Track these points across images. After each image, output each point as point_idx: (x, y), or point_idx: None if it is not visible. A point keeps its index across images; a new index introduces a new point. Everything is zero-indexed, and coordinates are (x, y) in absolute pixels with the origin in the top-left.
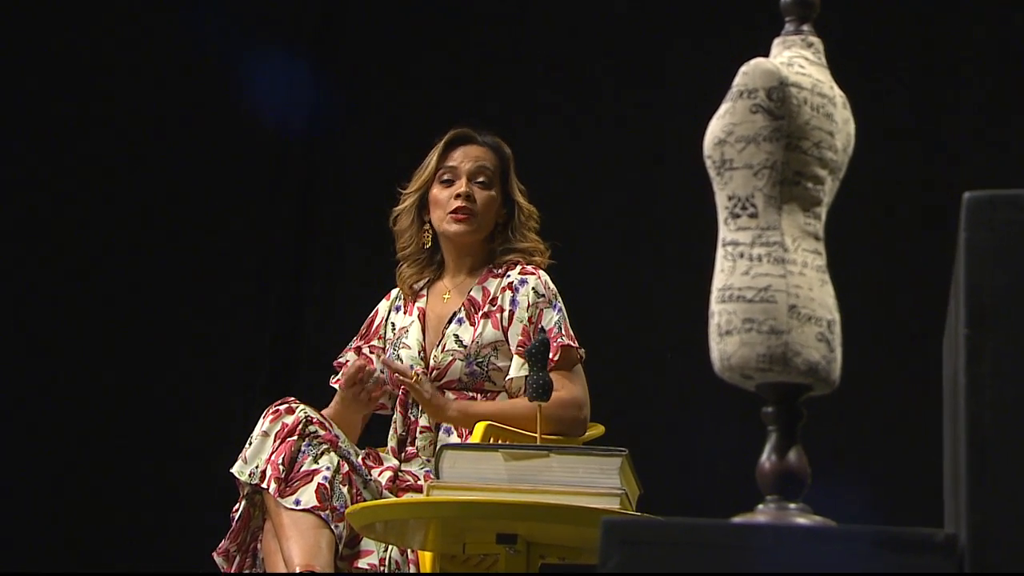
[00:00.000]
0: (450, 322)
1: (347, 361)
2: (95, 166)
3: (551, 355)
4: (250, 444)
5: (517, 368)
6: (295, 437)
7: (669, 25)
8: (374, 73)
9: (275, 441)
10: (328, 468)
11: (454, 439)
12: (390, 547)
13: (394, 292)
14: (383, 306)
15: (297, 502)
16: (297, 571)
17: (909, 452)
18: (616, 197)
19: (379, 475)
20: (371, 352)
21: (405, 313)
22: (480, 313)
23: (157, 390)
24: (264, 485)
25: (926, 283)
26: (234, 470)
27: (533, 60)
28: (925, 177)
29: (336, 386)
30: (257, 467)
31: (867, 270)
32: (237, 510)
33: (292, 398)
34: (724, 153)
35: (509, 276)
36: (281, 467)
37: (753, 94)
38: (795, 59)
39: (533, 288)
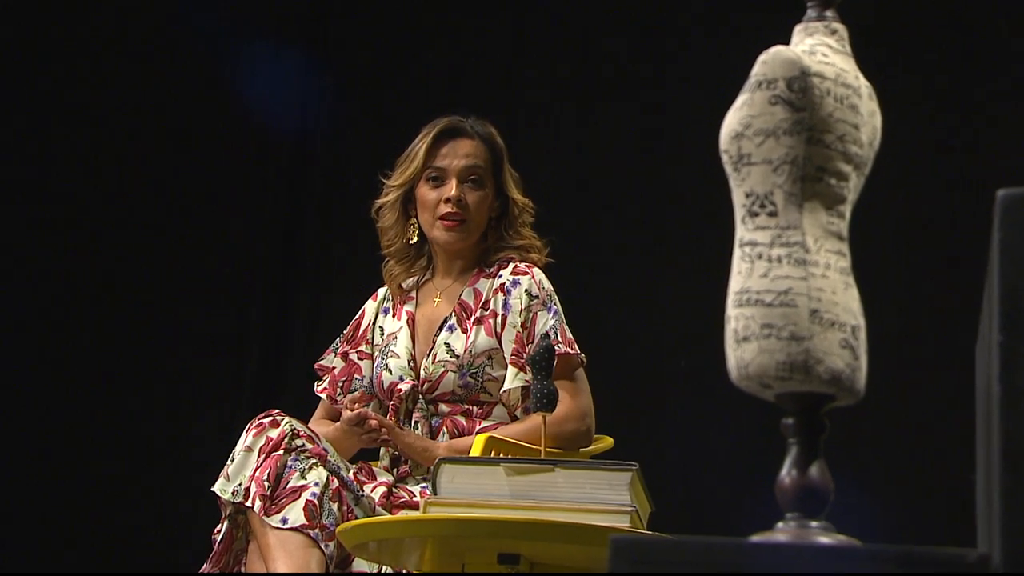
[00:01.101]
0: (441, 329)
1: (333, 367)
2: (83, 164)
3: None
4: (232, 460)
5: (512, 379)
6: (280, 451)
7: (684, 10)
8: (365, 67)
9: (259, 456)
10: (317, 484)
11: None
12: (384, 568)
13: (381, 292)
14: (370, 307)
15: (284, 520)
16: None
17: (939, 467)
18: (624, 193)
19: (372, 491)
20: (360, 359)
21: (393, 316)
22: (472, 319)
23: (134, 401)
24: (248, 503)
25: (958, 286)
26: (216, 488)
27: (532, 48)
28: (956, 173)
29: (321, 395)
30: (240, 484)
31: (895, 272)
32: (219, 531)
33: (277, 410)
34: (741, 147)
35: (501, 276)
36: (266, 484)
37: (772, 84)
38: (817, 47)
39: (526, 290)
